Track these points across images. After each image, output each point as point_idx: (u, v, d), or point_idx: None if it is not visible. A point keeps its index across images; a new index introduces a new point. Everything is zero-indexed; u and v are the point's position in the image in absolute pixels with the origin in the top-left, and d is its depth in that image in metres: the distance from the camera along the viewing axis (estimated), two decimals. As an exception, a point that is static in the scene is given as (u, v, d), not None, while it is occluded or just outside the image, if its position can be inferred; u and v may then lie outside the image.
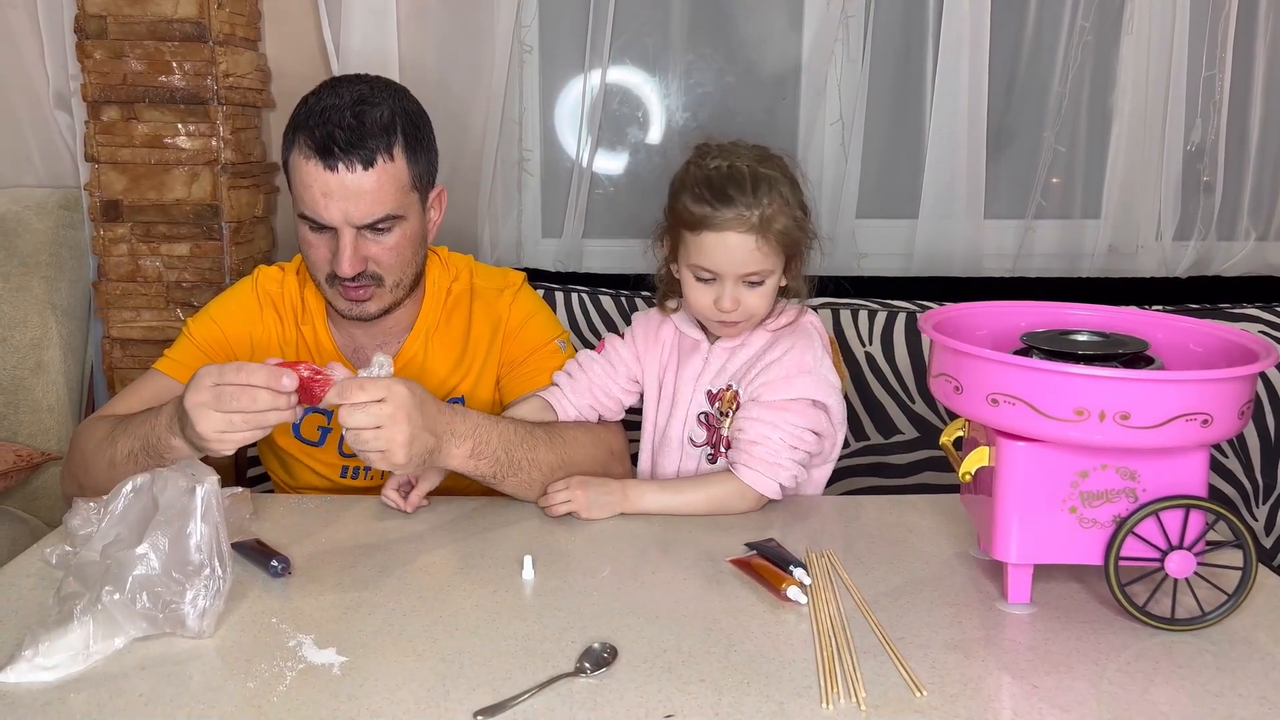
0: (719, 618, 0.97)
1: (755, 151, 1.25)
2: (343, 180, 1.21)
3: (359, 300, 1.30)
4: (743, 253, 1.19)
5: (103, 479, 1.16)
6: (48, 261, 1.99)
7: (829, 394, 1.26)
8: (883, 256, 2.16)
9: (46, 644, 0.87)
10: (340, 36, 2.02)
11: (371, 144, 1.22)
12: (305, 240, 1.28)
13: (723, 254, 1.20)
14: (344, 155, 1.21)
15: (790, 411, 1.23)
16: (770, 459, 1.22)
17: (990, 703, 0.83)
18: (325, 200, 1.22)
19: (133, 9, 1.89)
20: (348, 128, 1.21)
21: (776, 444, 1.22)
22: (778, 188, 1.20)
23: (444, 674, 0.87)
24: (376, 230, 1.26)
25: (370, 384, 1.07)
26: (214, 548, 0.93)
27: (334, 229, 1.24)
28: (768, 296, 1.24)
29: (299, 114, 1.26)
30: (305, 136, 1.22)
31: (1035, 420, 0.91)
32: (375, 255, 1.27)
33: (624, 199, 2.25)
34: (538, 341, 1.41)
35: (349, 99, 1.24)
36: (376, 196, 1.23)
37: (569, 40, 2.16)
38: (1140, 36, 2.06)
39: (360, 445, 1.07)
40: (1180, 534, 0.95)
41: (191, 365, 1.34)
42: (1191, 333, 1.07)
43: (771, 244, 1.20)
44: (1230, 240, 2.14)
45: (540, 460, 1.23)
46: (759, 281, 1.22)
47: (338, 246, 1.25)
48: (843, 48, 2.10)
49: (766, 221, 1.18)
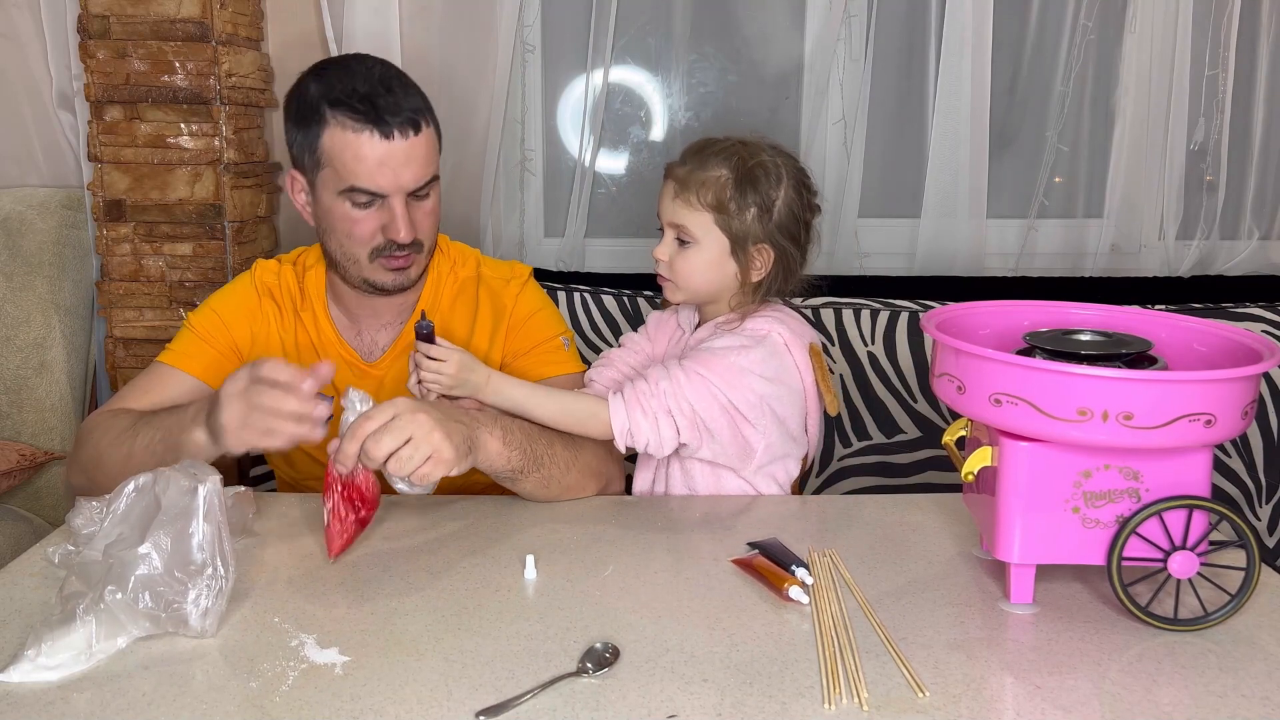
0: (721, 617, 0.97)
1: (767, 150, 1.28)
2: (399, 147, 1.24)
3: (403, 268, 1.32)
4: (667, 199, 1.28)
5: (118, 472, 1.16)
6: (51, 261, 2.00)
7: (740, 394, 1.22)
8: (885, 256, 2.17)
9: (49, 643, 0.87)
10: (343, 36, 2.02)
11: (413, 108, 1.26)
12: (349, 217, 1.28)
13: (661, 200, 1.30)
14: (396, 122, 1.24)
15: (690, 381, 1.22)
16: (640, 399, 1.22)
17: (993, 703, 0.83)
18: (381, 169, 1.24)
19: (135, 9, 1.89)
20: (390, 97, 1.25)
21: (658, 392, 1.21)
22: (732, 167, 1.25)
23: (446, 673, 0.87)
24: (419, 197, 1.30)
25: (374, 411, 1.07)
26: (216, 547, 0.93)
27: (381, 200, 1.27)
28: (697, 267, 1.27)
29: (323, 95, 1.25)
30: (346, 113, 1.24)
31: (1038, 420, 0.91)
32: (419, 221, 1.31)
33: (626, 198, 2.25)
34: (543, 335, 1.42)
35: (376, 72, 1.27)
36: (426, 159, 1.28)
37: (571, 39, 2.16)
38: (1143, 35, 2.06)
39: (408, 466, 1.05)
40: (1183, 534, 0.94)
41: (194, 354, 1.36)
42: (1195, 332, 1.07)
43: (692, 202, 1.25)
44: (1233, 240, 2.14)
45: (558, 456, 1.24)
46: (687, 241, 1.27)
47: (390, 217, 1.27)
48: (845, 47, 2.09)
49: (694, 180, 1.25)
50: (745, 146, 1.27)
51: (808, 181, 1.30)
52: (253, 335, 1.40)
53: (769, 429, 1.25)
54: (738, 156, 1.26)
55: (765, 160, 1.26)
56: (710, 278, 1.29)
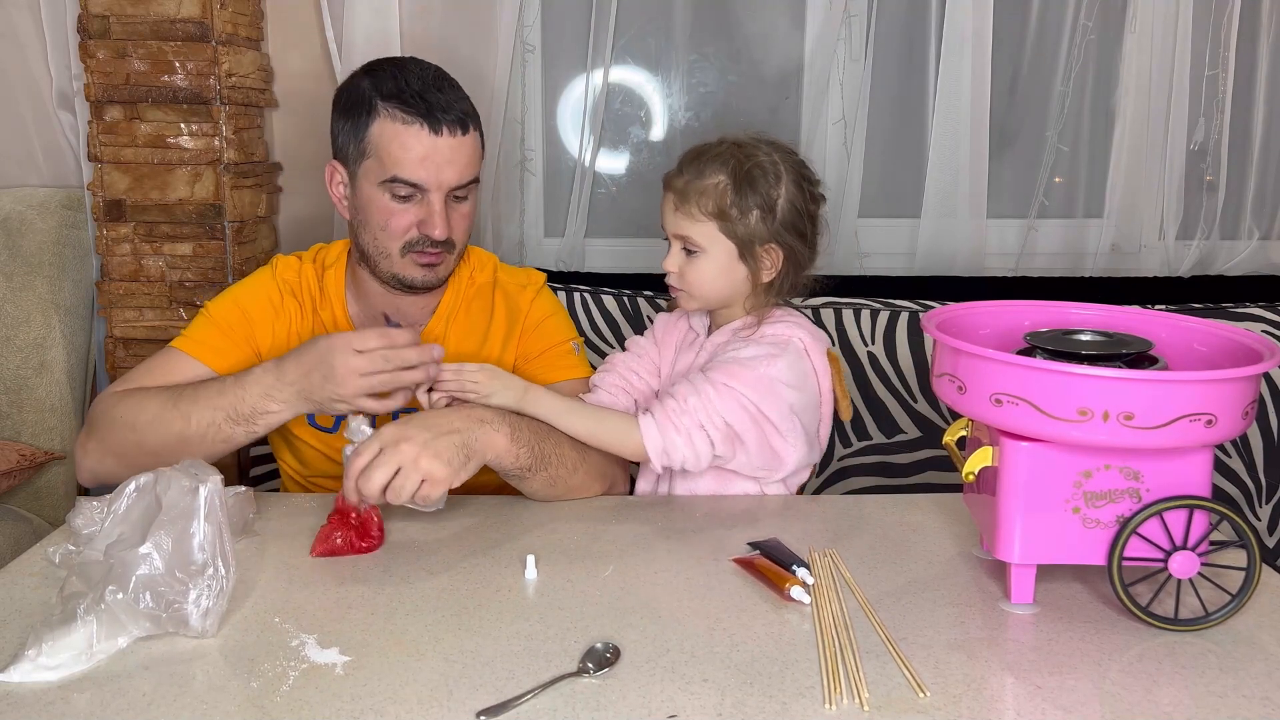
0: (722, 617, 0.97)
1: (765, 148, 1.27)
2: (445, 144, 1.28)
3: (434, 265, 1.35)
4: (667, 212, 1.28)
5: (169, 452, 1.20)
6: (51, 261, 2.00)
7: (771, 404, 1.22)
8: (885, 256, 2.17)
9: (50, 643, 0.87)
10: (343, 36, 2.02)
11: (463, 109, 1.31)
12: (386, 210, 1.31)
13: (662, 212, 1.30)
14: (446, 119, 1.28)
15: (719, 394, 1.21)
16: (672, 417, 1.20)
17: (993, 703, 0.83)
18: (425, 163, 1.28)
19: (135, 9, 1.89)
20: (442, 96, 1.29)
21: (689, 408, 1.20)
22: (729, 171, 1.24)
23: (447, 674, 0.87)
24: (458, 198, 1.33)
25: (362, 447, 1.09)
26: (217, 547, 0.93)
27: (421, 195, 1.30)
28: (707, 274, 1.27)
29: (375, 87, 1.29)
30: (397, 105, 1.28)
31: (1039, 420, 0.91)
32: (454, 221, 1.33)
33: (626, 198, 2.25)
34: (554, 339, 1.44)
35: (430, 73, 1.32)
36: (470, 160, 1.32)
37: (571, 39, 2.16)
38: (1143, 35, 2.06)
39: (404, 494, 1.07)
40: (1184, 534, 0.94)
41: (211, 344, 1.36)
42: (1195, 332, 1.07)
43: (693, 213, 1.25)
44: (1233, 240, 2.14)
45: (565, 456, 1.24)
46: (694, 251, 1.27)
47: (427, 213, 1.30)
48: (845, 47, 2.10)
49: (691, 191, 1.25)
50: (740, 148, 1.26)
51: (808, 173, 1.29)
52: (273, 335, 1.40)
53: (799, 440, 1.25)
54: (734, 160, 1.25)
55: (762, 160, 1.25)
56: (722, 284, 1.28)
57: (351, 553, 1.11)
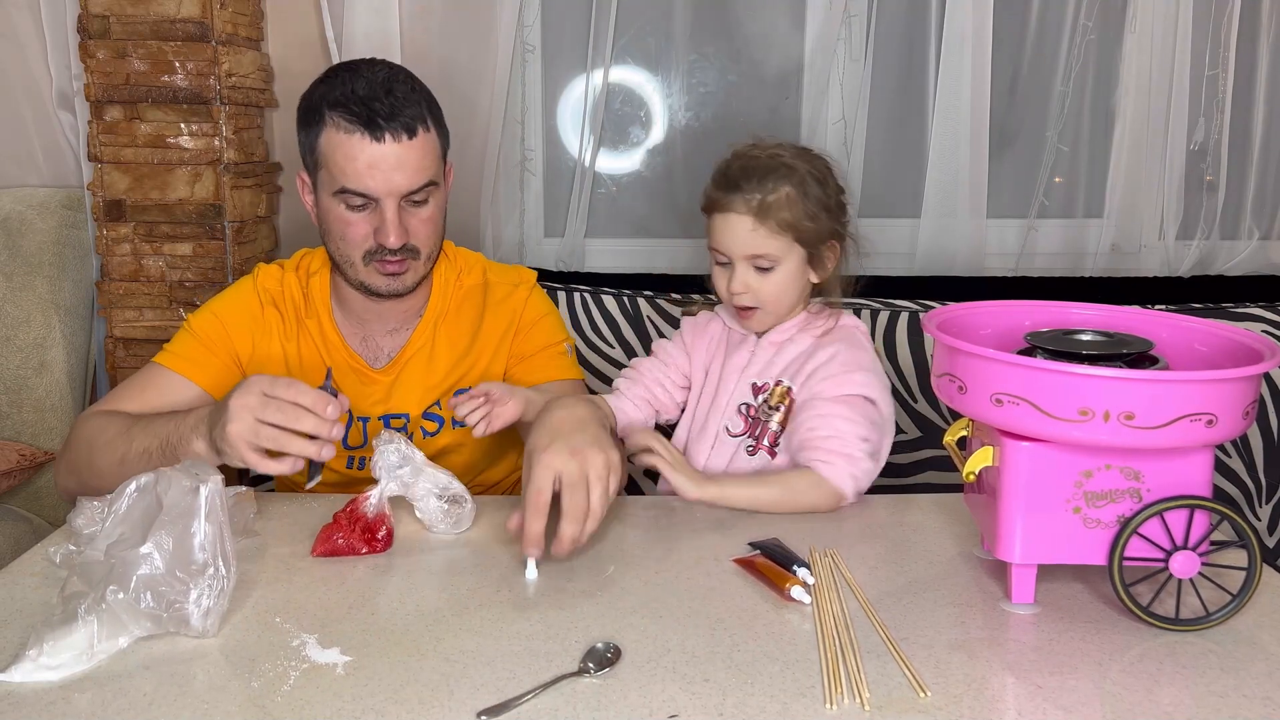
0: (723, 617, 0.97)
1: (790, 149, 1.29)
2: (390, 150, 1.24)
3: (397, 274, 1.32)
4: (742, 233, 1.25)
5: (110, 475, 1.16)
6: (51, 261, 2.00)
7: (882, 393, 1.27)
8: (885, 256, 2.16)
9: (50, 643, 0.87)
10: (343, 36, 2.02)
11: (411, 113, 1.26)
12: (342, 220, 1.29)
13: (728, 235, 1.27)
14: (389, 126, 1.24)
15: (853, 407, 1.25)
16: (844, 450, 1.23)
17: (994, 703, 0.83)
18: (371, 171, 1.25)
19: (135, 9, 1.89)
20: (388, 100, 1.24)
21: (849, 436, 1.23)
22: (791, 180, 1.25)
23: (447, 674, 0.87)
24: (414, 203, 1.29)
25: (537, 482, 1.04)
26: (218, 547, 0.93)
27: (375, 203, 1.27)
28: (783, 286, 1.28)
29: (324, 96, 1.26)
30: (342, 114, 1.24)
31: (1039, 420, 0.91)
32: (414, 227, 1.30)
33: (626, 199, 2.25)
34: (547, 340, 1.44)
35: (380, 76, 1.27)
36: (420, 164, 1.27)
37: (571, 39, 2.16)
38: (1143, 35, 2.06)
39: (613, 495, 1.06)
40: (1184, 534, 0.94)
41: (192, 358, 1.35)
42: (1196, 332, 1.07)
43: (772, 228, 1.24)
44: (1233, 239, 2.15)
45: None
46: (768, 268, 1.26)
47: (380, 221, 1.27)
48: (845, 47, 2.10)
49: (767, 207, 1.24)
50: (779, 154, 1.27)
51: (826, 161, 1.32)
52: (254, 345, 1.39)
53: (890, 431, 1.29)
54: (784, 167, 1.26)
55: (813, 159, 1.29)
56: (794, 293, 1.30)
57: (352, 554, 1.11)
